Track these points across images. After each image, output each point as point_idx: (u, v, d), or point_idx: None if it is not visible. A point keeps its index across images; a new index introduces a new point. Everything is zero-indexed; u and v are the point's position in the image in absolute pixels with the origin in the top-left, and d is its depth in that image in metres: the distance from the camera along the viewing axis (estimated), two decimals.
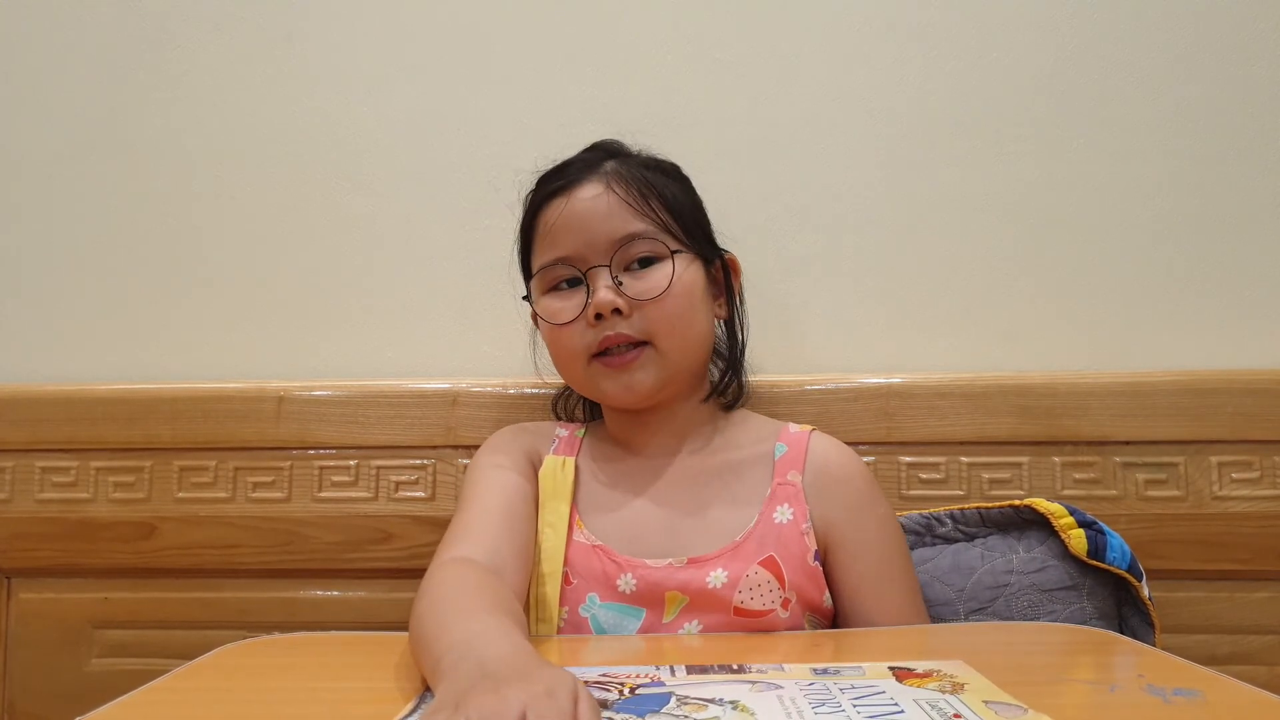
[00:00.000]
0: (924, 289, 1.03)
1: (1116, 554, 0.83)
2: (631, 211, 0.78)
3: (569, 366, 0.82)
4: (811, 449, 0.81)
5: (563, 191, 0.80)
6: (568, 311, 0.78)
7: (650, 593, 0.74)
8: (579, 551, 0.76)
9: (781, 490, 0.78)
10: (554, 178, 0.82)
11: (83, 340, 1.08)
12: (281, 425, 1.01)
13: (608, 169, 0.80)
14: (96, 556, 1.01)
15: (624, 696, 0.50)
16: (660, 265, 0.78)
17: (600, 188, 0.79)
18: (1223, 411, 0.94)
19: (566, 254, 0.79)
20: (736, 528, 0.76)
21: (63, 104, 1.09)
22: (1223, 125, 1.01)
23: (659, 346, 0.78)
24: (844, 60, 1.04)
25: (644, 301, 0.77)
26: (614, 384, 0.78)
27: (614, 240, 0.78)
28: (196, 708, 0.56)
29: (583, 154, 0.84)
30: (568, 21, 1.06)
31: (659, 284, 0.77)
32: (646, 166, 0.82)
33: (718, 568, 0.74)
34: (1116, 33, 1.02)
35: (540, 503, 0.80)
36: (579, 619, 0.74)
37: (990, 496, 0.94)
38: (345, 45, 1.08)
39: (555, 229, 0.79)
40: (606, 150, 0.84)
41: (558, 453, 0.84)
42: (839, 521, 0.77)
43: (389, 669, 0.62)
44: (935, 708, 0.48)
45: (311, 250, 1.07)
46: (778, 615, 0.73)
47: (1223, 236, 1.01)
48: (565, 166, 0.83)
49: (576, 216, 0.78)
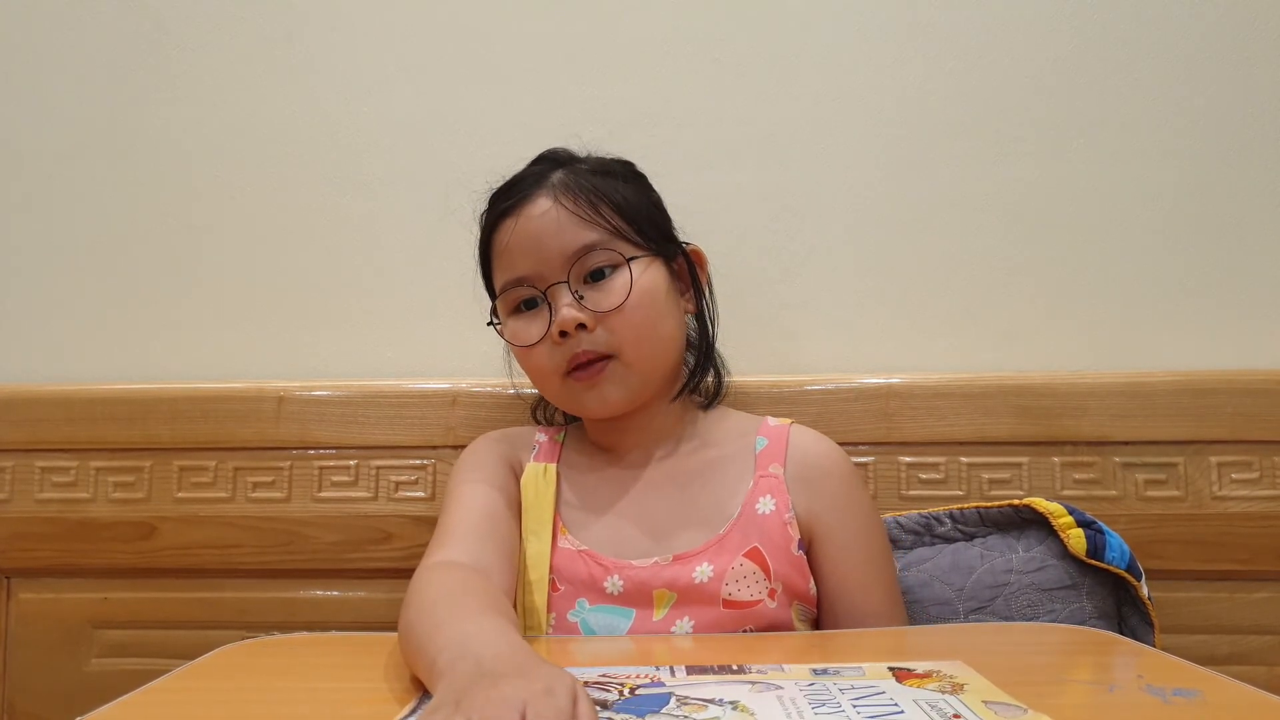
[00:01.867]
0: (924, 289, 1.03)
1: (1115, 553, 0.83)
2: (581, 223, 0.77)
3: (544, 385, 0.81)
4: (792, 441, 0.80)
5: (512, 211, 0.79)
6: (534, 333, 0.78)
7: (638, 593, 0.74)
8: (564, 557, 0.76)
9: (763, 482, 0.78)
10: (503, 196, 0.81)
11: (83, 340, 1.08)
12: (281, 425, 1.01)
13: (554, 181, 0.79)
14: (96, 556, 1.01)
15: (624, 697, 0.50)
16: (618, 273, 0.77)
17: (548, 202, 0.78)
18: (1222, 412, 0.94)
19: (524, 274, 0.78)
20: (719, 521, 0.77)
21: (63, 104, 1.09)
22: (1223, 126, 1.01)
23: (624, 358, 0.77)
24: (844, 60, 1.04)
25: (606, 313, 0.76)
26: (586, 398, 0.78)
27: (568, 255, 0.76)
28: (196, 708, 0.56)
29: (530, 167, 0.83)
30: (567, 21, 1.06)
31: (619, 294, 0.76)
32: (594, 172, 0.80)
33: (703, 562, 0.74)
34: (1116, 33, 1.02)
35: (523, 510, 0.79)
36: (568, 624, 0.74)
37: (990, 497, 0.94)
38: (345, 45, 1.08)
39: (510, 249, 0.78)
40: (554, 160, 0.82)
41: (538, 459, 0.84)
42: (824, 512, 0.77)
43: (389, 669, 0.62)
44: (935, 708, 0.48)
45: (311, 250, 1.07)
46: (766, 605, 0.73)
47: (1223, 237, 1.01)
48: (514, 183, 0.81)
49: (529, 235, 0.77)
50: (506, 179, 0.83)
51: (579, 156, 0.84)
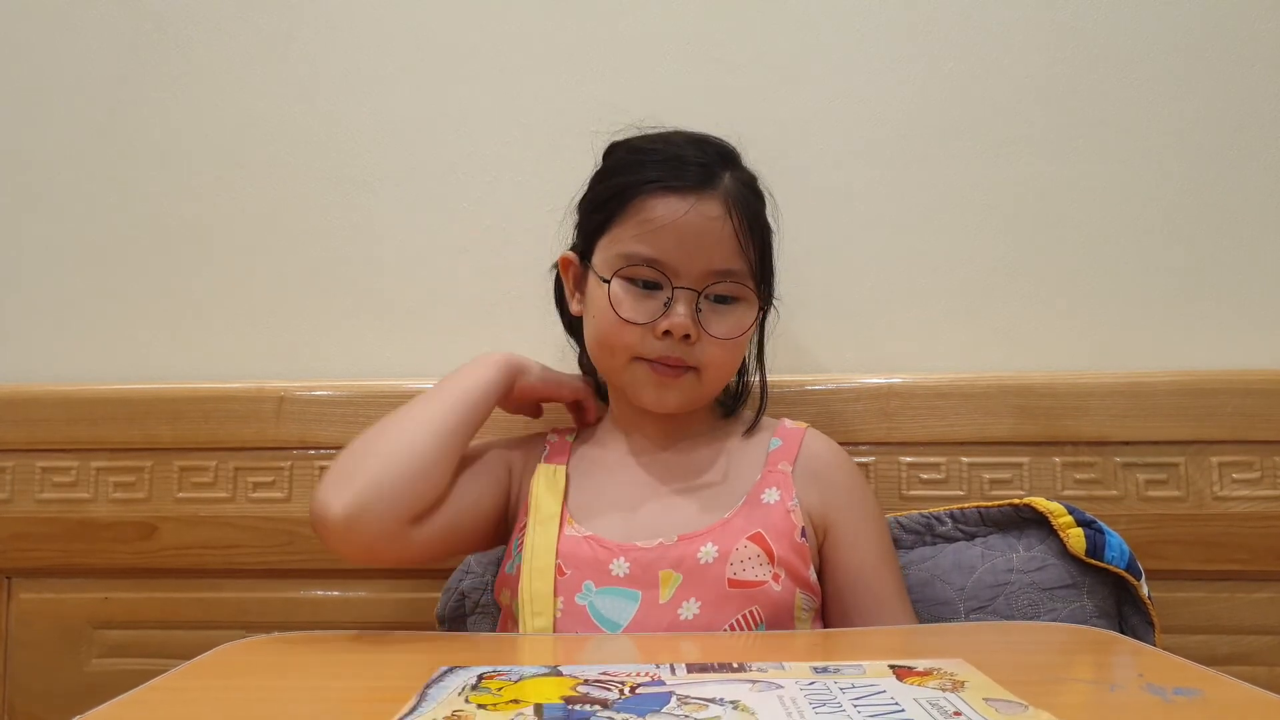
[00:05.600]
0: (924, 289, 1.03)
1: (1115, 553, 0.83)
2: (737, 247, 0.78)
3: (610, 355, 0.81)
4: (805, 444, 0.83)
5: (678, 193, 0.77)
6: (640, 313, 0.78)
7: (644, 574, 0.74)
8: (570, 544, 0.77)
9: (771, 476, 0.80)
10: (668, 169, 0.78)
11: (83, 340, 1.08)
12: (281, 425, 1.01)
13: (728, 186, 0.78)
14: (96, 556, 1.01)
15: (624, 696, 0.50)
16: (740, 307, 0.79)
17: (721, 209, 0.77)
18: (1223, 412, 0.94)
19: (661, 258, 0.77)
20: (724, 507, 0.78)
21: (63, 104, 1.09)
22: (1223, 125, 1.01)
23: (703, 377, 0.80)
24: (844, 60, 1.04)
25: (712, 335, 0.78)
26: (651, 391, 0.79)
27: (714, 270, 0.77)
28: (196, 707, 0.56)
29: (694, 148, 0.80)
30: (568, 21, 1.06)
31: (734, 329, 0.79)
32: (754, 192, 0.81)
33: (708, 542, 0.75)
34: (1117, 33, 1.02)
35: (531, 505, 0.80)
36: (576, 607, 0.75)
37: (990, 497, 0.94)
38: (345, 46, 1.08)
39: (663, 230, 0.76)
40: (722, 155, 0.81)
41: (550, 460, 0.85)
42: (835, 504, 0.80)
43: (389, 669, 0.62)
44: (936, 706, 0.48)
45: (311, 250, 1.07)
46: (771, 587, 0.74)
47: (1223, 237, 1.01)
48: (678, 159, 0.78)
49: (691, 230, 0.76)
50: (650, 132, 0.82)
51: (739, 159, 0.83)
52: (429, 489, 0.76)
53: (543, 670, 0.56)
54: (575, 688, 0.51)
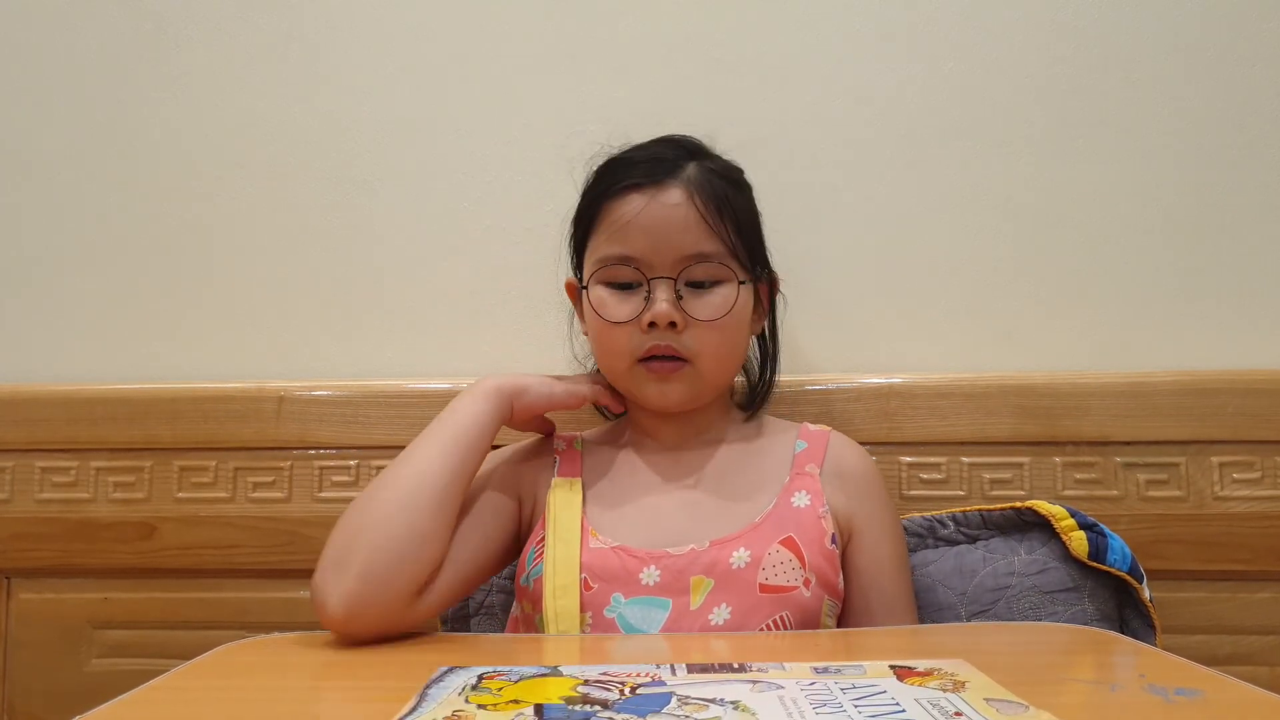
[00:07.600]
0: (924, 289, 1.03)
1: (1117, 556, 0.83)
2: (707, 229, 0.78)
3: (612, 363, 0.82)
4: (831, 446, 0.84)
5: (639, 189, 0.78)
6: (622, 312, 0.78)
7: (676, 581, 0.73)
8: (596, 556, 0.75)
9: (799, 480, 0.80)
10: (630, 169, 0.80)
11: (83, 340, 1.08)
12: (281, 425, 1.01)
13: (689, 175, 0.79)
14: (96, 556, 1.01)
15: (625, 696, 0.50)
16: (722, 288, 0.79)
17: (682, 196, 0.78)
18: (1224, 412, 0.94)
19: (633, 255, 0.78)
20: (754, 511, 0.78)
21: (63, 104, 1.09)
22: (1223, 125, 1.01)
23: (699, 366, 0.79)
24: (844, 60, 1.04)
25: (699, 320, 0.78)
26: (652, 389, 0.80)
27: (685, 255, 0.78)
28: (196, 707, 0.56)
29: (658, 147, 0.82)
30: (568, 21, 1.06)
31: (718, 309, 0.78)
32: (723, 177, 0.81)
33: (740, 547, 0.74)
34: (1117, 33, 1.02)
35: (549, 521, 0.78)
36: (605, 621, 0.73)
37: (991, 497, 0.94)
38: (345, 46, 1.08)
39: (628, 226, 0.78)
40: (686, 149, 0.82)
41: (562, 474, 0.83)
42: (859, 511, 0.80)
43: (389, 669, 0.61)
44: (936, 706, 0.48)
45: (311, 250, 1.07)
46: (801, 592, 0.73)
47: (1223, 237, 1.01)
48: (642, 160, 0.80)
49: (653, 220, 0.77)
50: (628, 146, 0.83)
51: (708, 150, 0.84)
52: (430, 555, 0.72)
53: (543, 670, 0.56)
54: (575, 688, 0.51)
